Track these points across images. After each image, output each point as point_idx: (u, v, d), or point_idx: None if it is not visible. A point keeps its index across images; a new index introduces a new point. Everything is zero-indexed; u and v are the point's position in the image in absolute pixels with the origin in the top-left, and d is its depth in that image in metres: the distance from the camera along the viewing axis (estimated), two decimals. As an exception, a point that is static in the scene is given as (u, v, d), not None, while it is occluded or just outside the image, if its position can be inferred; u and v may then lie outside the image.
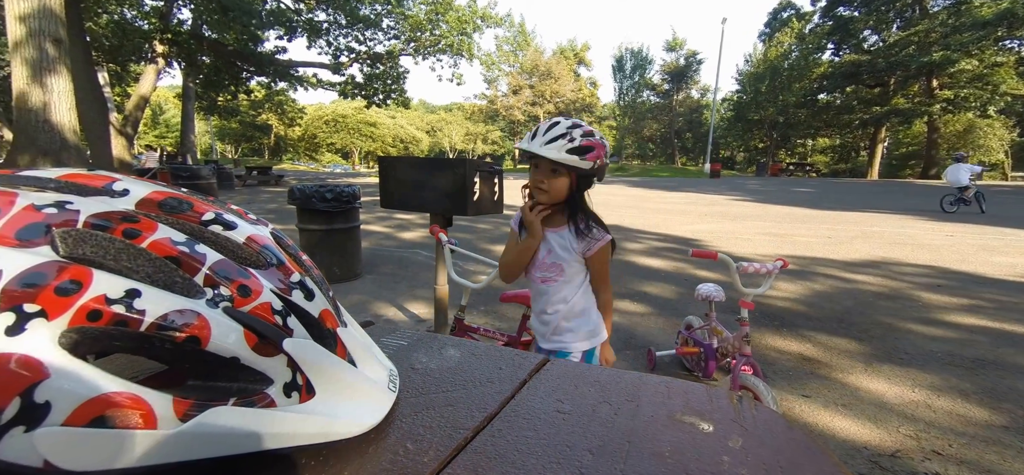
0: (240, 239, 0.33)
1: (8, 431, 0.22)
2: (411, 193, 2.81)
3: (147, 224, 0.28)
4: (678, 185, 21.75)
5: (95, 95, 11.68)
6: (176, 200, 0.32)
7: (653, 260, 5.36)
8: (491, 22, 20.00)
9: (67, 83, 9.02)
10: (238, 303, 0.29)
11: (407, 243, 6.32)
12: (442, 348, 0.51)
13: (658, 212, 10.34)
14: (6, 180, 0.30)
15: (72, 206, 0.27)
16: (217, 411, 0.28)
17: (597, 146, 1.21)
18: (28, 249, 0.25)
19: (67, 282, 0.24)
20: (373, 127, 49.22)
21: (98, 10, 12.29)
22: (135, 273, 0.26)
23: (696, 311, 3.37)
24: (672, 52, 47.49)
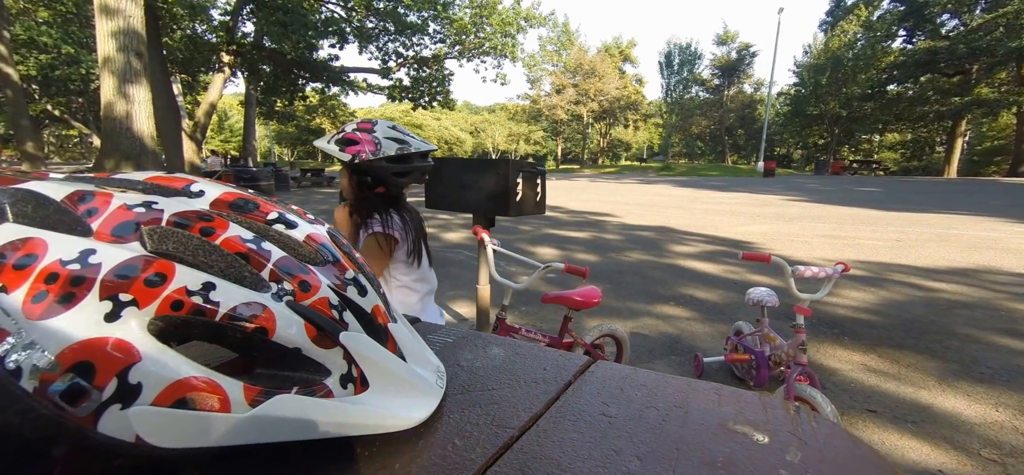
0: (300, 237, 0.35)
1: (107, 408, 0.25)
2: (455, 194, 2.86)
3: (220, 223, 0.31)
4: (729, 184, 20.79)
5: (170, 104, 12.77)
6: (244, 200, 0.34)
7: (701, 263, 5.16)
8: (535, 22, 20.01)
9: (147, 94, 9.92)
10: (299, 297, 0.31)
11: (449, 244, 6.45)
12: (487, 347, 0.52)
13: (707, 213, 9.94)
14: (103, 182, 0.33)
15: (157, 206, 0.30)
16: (282, 399, 0.30)
17: (362, 141, 1.25)
18: (121, 244, 0.27)
19: (154, 275, 0.27)
20: (419, 129, 50.54)
21: (173, 26, 13.43)
22: (210, 267, 0.29)
23: (746, 317, 3.21)
24: (723, 46, 45.49)
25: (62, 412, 0.24)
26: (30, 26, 17.26)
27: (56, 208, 0.28)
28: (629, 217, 9.27)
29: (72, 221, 0.28)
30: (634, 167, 43.85)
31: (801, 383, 1.86)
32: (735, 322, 2.71)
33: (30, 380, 0.24)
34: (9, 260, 0.25)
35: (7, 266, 0.25)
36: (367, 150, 1.25)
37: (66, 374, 0.24)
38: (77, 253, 0.26)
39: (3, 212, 0.28)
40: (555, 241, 6.53)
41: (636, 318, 3.45)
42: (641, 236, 6.97)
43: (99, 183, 0.32)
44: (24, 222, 0.27)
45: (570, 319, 2.32)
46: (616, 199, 13.70)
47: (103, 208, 0.29)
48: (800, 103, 37.28)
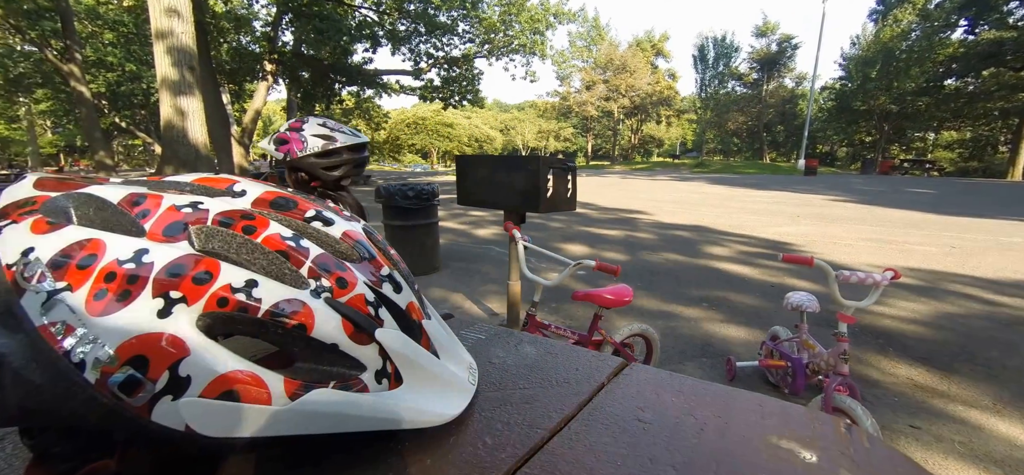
0: (337, 234, 0.36)
1: (160, 399, 0.26)
2: (486, 191, 2.88)
3: (261, 221, 0.32)
4: (766, 183, 19.98)
5: (220, 113, 13.47)
6: (284, 199, 0.35)
7: (735, 264, 4.98)
8: (564, 18, 19.86)
9: (199, 105, 10.53)
10: (336, 294, 0.32)
11: (481, 239, 6.49)
12: (519, 344, 0.51)
13: (743, 212, 9.59)
14: (155, 185, 0.35)
15: (203, 206, 0.31)
16: (320, 393, 0.31)
17: (291, 140, 1.33)
18: (171, 243, 0.29)
19: (202, 272, 0.28)
20: (450, 128, 51.19)
21: (220, 40, 14.17)
22: (252, 265, 0.30)
23: (783, 321, 3.08)
24: (762, 38, 43.66)
25: (120, 402, 0.25)
26: (98, 47, 18.65)
27: (113, 210, 0.30)
28: (661, 215, 9.06)
29: (127, 222, 0.29)
30: (666, 164, 42.82)
31: (840, 394, 1.76)
32: (771, 327, 2.60)
33: (93, 372, 0.25)
34: (74, 260, 0.27)
35: (72, 265, 0.27)
36: (295, 148, 1.32)
37: (124, 367, 0.25)
38: (132, 253, 0.28)
39: (68, 214, 0.30)
40: (586, 238, 6.46)
41: (667, 318, 3.37)
42: (674, 235, 6.80)
43: (151, 186, 0.34)
44: (85, 224, 0.29)
45: (600, 317, 2.29)
46: (648, 196, 13.42)
47: (154, 209, 0.30)
48: (846, 98, 35.27)
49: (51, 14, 16.03)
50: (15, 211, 0.30)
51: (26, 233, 0.28)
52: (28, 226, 0.28)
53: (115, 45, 18.83)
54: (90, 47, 18.84)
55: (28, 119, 33.44)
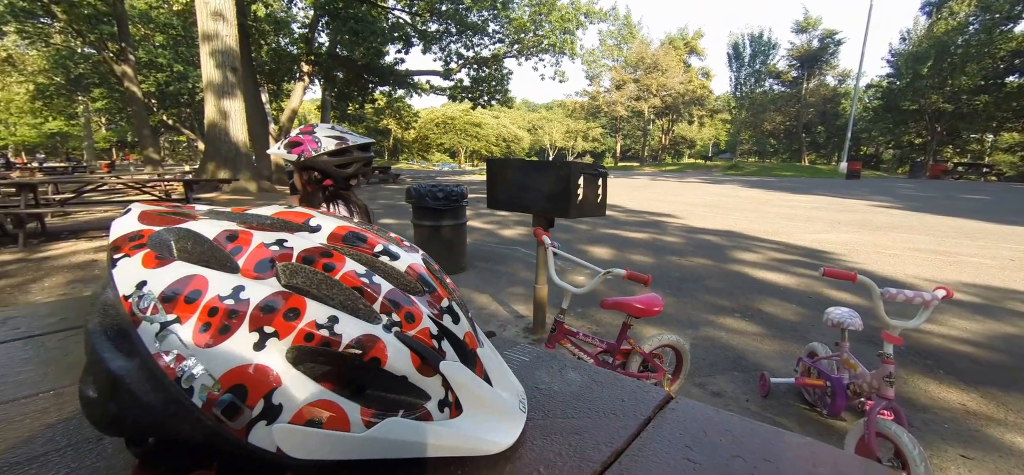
0: (402, 268, 0.38)
1: (256, 423, 0.29)
2: (516, 195, 2.90)
3: (338, 257, 0.35)
4: (805, 186, 19.21)
5: (259, 112, 14.05)
6: (354, 234, 0.38)
7: (770, 273, 4.82)
8: (595, 18, 19.67)
9: (241, 105, 11.02)
10: (405, 328, 0.35)
11: (506, 239, 6.52)
12: (563, 369, 0.53)
13: (779, 217, 9.26)
14: (242, 219, 0.39)
15: (288, 244, 0.34)
16: (391, 422, 0.33)
17: (304, 141, 1.41)
18: (262, 280, 0.32)
19: (291, 309, 0.31)
20: (478, 127, 51.56)
21: (261, 42, 14.76)
22: (332, 300, 0.33)
23: (821, 337, 2.97)
24: (803, 34, 41.87)
25: (222, 424, 0.29)
26: (149, 49, 19.80)
27: (210, 246, 0.34)
28: (692, 219, 8.86)
29: (223, 258, 0.33)
30: (698, 165, 41.74)
31: (885, 419, 1.68)
32: (809, 342, 2.50)
33: (199, 397, 0.28)
34: (182, 294, 0.30)
35: (180, 300, 0.30)
36: (310, 148, 1.41)
37: (226, 394, 0.29)
38: (230, 289, 0.31)
39: (170, 247, 0.34)
40: (612, 241, 6.39)
41: (696, 328, 3.30)
42: (705, 240, 6.64)
43: (240, 220, 0.38)
44: (186, 258, 0.33)
45: (629, 326, 2.27)
46: (678, 199, 13.14)
47: (246, 246, 0.34)
48: (894, 96, 33.37)
49: (109, 18, 17.08)
50: (127, 245, 0.33)
51: (138, 267, 0.32)
52: (140, 260, 0.32)
53: (165, 47, 19.91)
54: (142, 49, 20.00)
55: (85, 116, 35.73)
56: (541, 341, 3.04)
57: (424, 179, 22.91)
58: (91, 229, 6.91)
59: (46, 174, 15.80)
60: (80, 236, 6.40)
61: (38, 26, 18.27)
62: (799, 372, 2.34)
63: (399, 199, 11.73)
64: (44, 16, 16.40)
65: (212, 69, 10.25)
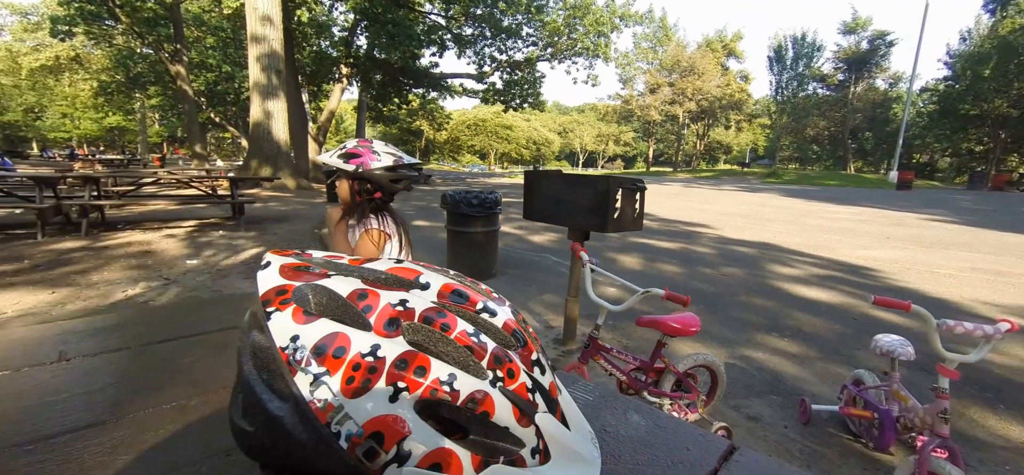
0: (500, 324, 0.43)
1: (389, 466, 0.35)
2: (554, 207, 2.93)
3: (451, 318, 0.40)
4: (850, 196, 18.37)
5: (299, 112, 14.62)
6: (458, 292, 0.43)
7: (811, 289, 4.67)
8: (630, 20, 19.44)
9: (283, 106, 11.51)
10: (507, 383, 0.39)
11: (537, 246, 6.56)
12: (626, 411, 0.57)
13: (821, 230, 8.91)
14: (359, 273, 0.44)
15: (409, 304, 0.40)
16: (495, 468, 0.38)
17: (363, 154, 1.48)
18: (392, 338, 0.38)
19: (419, 367, 0.36)
20: (509, 130, 51.83)
21: (304, 44, 15.36)
22: (449, 358, 0.38)
23: (868, 363, 2.86)
24: (851, 35, 39.94)
25: (363, 465, 0.34)
26: (201, 50, 20.96)
27: (344, 303, 0.39)
28: (727, 229, 8.64)
29: (357, 316, 0.38)
30: (734, 172, 40.52)
31: (939, 457, 1.61)
32: (854, 369, 2.42)
33: (345, 442, 0.34)
34: (330, 350, 0.36)
35: (329, 354, 0.36)
36: (369, 161, 1.49)
37: (367, 439, 0.34)
38: (369, 347, 0.36)
39: (310, 302, 0.40)
40: (642, 251, 6.32)
41: (730, 346, 3.24)
42: (740, 252, 6.47)
43: (358, 274, 0.44)
44: (327, 314, 0.39)
45: (664, 344, 2.27)
46: (713, 208, 12.82)
47: (375, 305, 0.39)
48: (952, 100, 31.29)
49: (166, 21, 18.17)
50: (275, 299, 0.40)
51: (290, 321, 0.38)
52: (290, 315, 0.38)
53: (215, 49, 21.01)
54: (195, 50, 21.18)
55: (141, 112, 38.12)
56: (571, 352, 3.06)
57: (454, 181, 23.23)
58: (145, 220, 7.38)
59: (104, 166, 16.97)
60: (135, 227, 6.85)
61: (104, 28, 19.65)
62: (843, 400, 2.27)
63: (431, 200, 11.94)
64: (109, 19, 17.60)
65: (258, 72, 10.76)
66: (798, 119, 42.36)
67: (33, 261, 4.68)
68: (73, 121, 42.86)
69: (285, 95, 11.61)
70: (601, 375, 2.61)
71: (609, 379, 2.47)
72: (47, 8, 28.13)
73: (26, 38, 34.12)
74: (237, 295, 1.14)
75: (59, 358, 0.74)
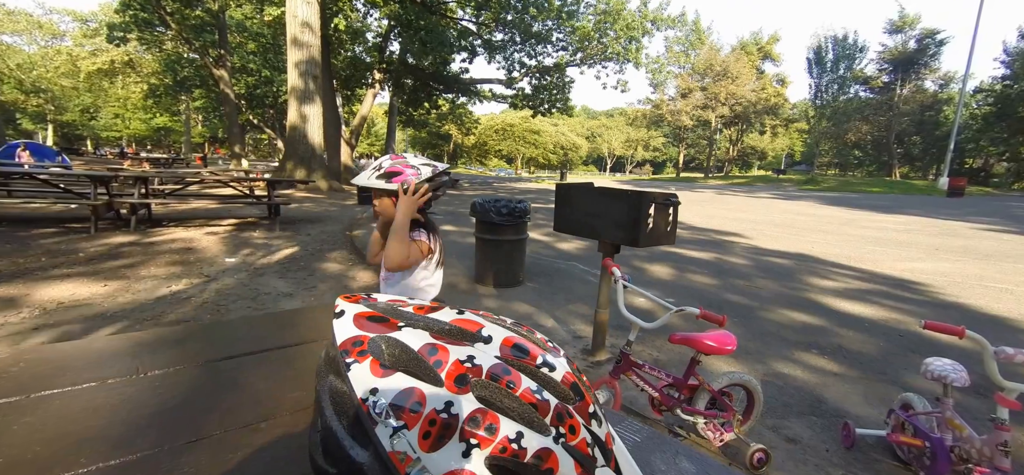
0: (559, 378, 0.45)
1: (462, 515, 0.37)
2: (585, 220, 2.93)
3: (516, 375, 0.42)
4: (896, 204, 17.49)
5: (333, 116, 15.07)
6: (520, 347, 0.46)
7: (854, 304, 4.48)
8: (662, 24, 19.15)
9: (319, 110, 11.89)
10: (569, 438, 0.41)
11: (564, 253, 6.54)
12: (676, 456, 0.57)
13: (864, 240, 8.52)
14: (424, 323, 0.47)
15: (476, 360, 0.42)
16: (562, 521, 0.40)
17: (404, 171, 1.50)
18: (462, 395, 0.40)
19: (489, 424, 0.39)
20: (537, 134, 51.85)
21: (340, 51, 15.85)
22: (517, 416, 0.40)
23: (917, 385, 2.73)
24: (897, 34, 38.05)
25: (438, 515, 0.37)
26: (243, 55, 21.96)
27: (416, 357, 0.42)
28: (761, 239, 8.38)
29: (429, 370, 0.41)
30: (768, 179, 39.20)
31: None
32: (903, 392, 2.31)
33: (423, 492, 0.37)
34: (407, 405, 0.39)
35: (406, 409, 0.39)
36: (410, 177, 1.52)
37: (443, 491, 0.37)
38: (443, 404, 0.39)
39: (383, 353, 0.43)
40: (672, 260, 6.21)
41: (766, 363, 3.15)
42: (775, 264, 6.27)
43: (424, 325, 0.46)
44: (401, 368, 0.41)
45: (698, 362, 2.23)
46: (747, 216, 12.46)
47: (445, 360, 0.42)
48: (1010, 102, 29.31)
49: (211, 27, 19.10)
50: (353, 350, 0.43)
51: (368, 374, 0.41)
52: (368, 367, 0.41)
53: (255, 54, 21.94)
54: (236, 55, 22.17)
55: (186, 114, 40.20)
56: (600, 364, 3.04)
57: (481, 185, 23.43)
58: (188, 218, 7.78)
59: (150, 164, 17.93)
60: (179, 224, 7.22)
61: (155, 34, 20.83)
62: (891, 426, 2.18)
63: (458, 205, 12.07)
64: (160, 25, 18.65)
65: (296, 77, 11.16)
66: (838, 123, 40.62)
67: (87, 255, 5.01)
68: (124, 121, 45.67)
69: (321, 99, 11.99)
70: (632, 390, 2.59)
71: (640, 394, 2.45)
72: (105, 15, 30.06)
73: (85, 43, 36.58)
74: (287, 311, 1.20)
75: (137, 371, 0.79)
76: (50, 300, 3.62)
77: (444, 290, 1.90)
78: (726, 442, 2.15)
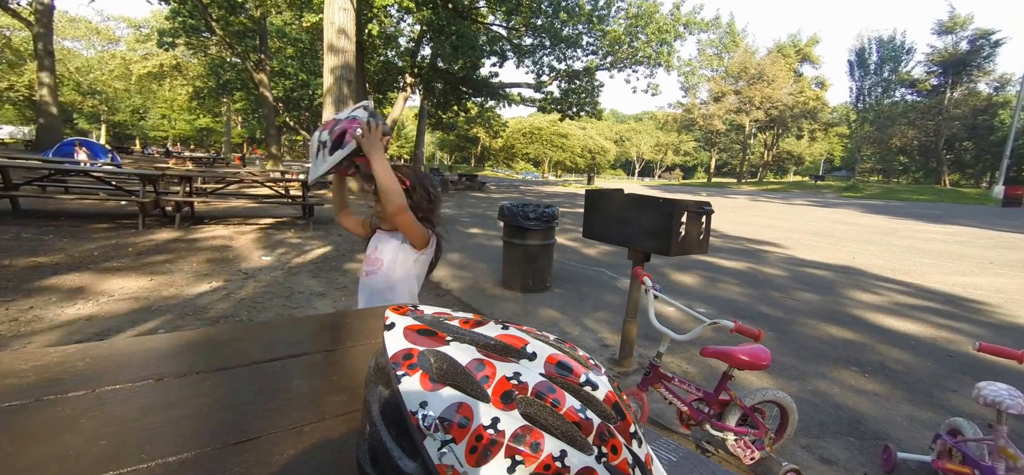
0: (601, 397, 0.45)
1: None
2: (615, 228, 2.91)
3: (561, 394, 0.43)
4: (945, 214, 16.55)
5: (366, 117, 15.46)
6: (564, 365, 0.46)
7: (898, 320, 4.26)
8: (695, 27, 18.76)
9: (352, 111, 12.25)
10: (610, 458, 0.42)
11: (590, 259, 6.48)
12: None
13: (910, 251, 8.10)
14: (470, 338, 0.48)
15: (522, 378, 0.43)
16: (602, 542, 0.40)
17: (347, 123, 1.32)
18: (508, 411, 0.41)
19: (534, 442, 0.40)
20: (564, 138, 51.66)
21: (373, 55, 16.25)
22: (560, 434, 0.41)
23: (968, 411, 2.57)
24: (947, 35, 36.09)
25: (484, 528, 0.38)
26: (281, 60, 22.83)
27: (463, 372, 0.43)
28: (798, 249, 8.08)
29: (476, 386, 0.42)
30: (805, 185, 37.73)
31: None
32: (950, 417, 2.19)
33: (469, 504, 0.38)
34: (455, 419, 0.40)
35: (454, 424, 0.40)
36: (356, 127, 1.41)
37: (488, 505, 0.38)
38: (490, 420, 0.40)
39: (430, 366, 0.44)
40: (703, 269, 6.06)
41: (802, 379, 3.03)
42: (814, 275, 6.03)
43: (470, 340, 0.48)
44: (449, 382, 0.43)
45: (731, 377, 2.17)
46: (783, 224, 12.04)
47: (492, 377, 0.43)
48: (1074, 109, 27.31)
49: (253, 33, 19.92)
50: (404, 362, 0.45)
51: (418, 387, 0.42)
52: (418, 380, 0.43)
53: (293, 59, 22.75)
54: (276, 60, 23.06)
55: (226, 115, 42.07)
56: (627, 374, 3.00)
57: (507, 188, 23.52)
58: (226, 217, 8.12)
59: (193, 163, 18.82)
60: (218, 222, 7.55)
61: (201, 39, 21.90)
62: (936, 451, 2.06)
63: (486, 208, 12.15)
64: (206, 31, 19.59)
65: (332, 81, 11.50)
66: (882, 128, 38.77)
67: (135, 250, 5.30)
68: (170, 122, 48.26)
69: (354, 103, 12.33)
70: (659, 402, 2.55)
71: (668, 407, 2.40)
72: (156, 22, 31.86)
73: (137, 48, 38.87)
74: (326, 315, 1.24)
75: (190, 371, 0.83)
76: (103, 291, 3.86)
77: (471, 294, 1.90)
78: (757, 460, 2.09)
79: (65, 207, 7.42)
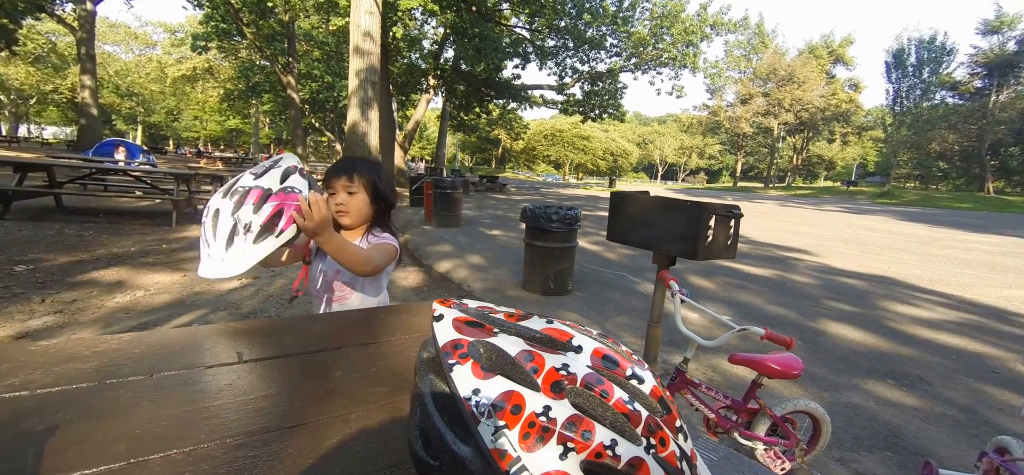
0: (647, 391, 0.46)
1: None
2: (640, 231, 2.87)
3: (609, 386, 0.44)
4: (990, 223, 15.75)
5: (389, 120, 15.72)
6: (609, 358, 0.47)
7: (938, 333, 4.08)
8: (722, 28, 18.41)
9: (376, 114, 12.45)
10: (659, 450, 0.42)
11: (612, 262, 6.42)
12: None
13: (951, 261, 7.74)
14: (515, 330, 0.50)
15: (570, 369, 0.44)
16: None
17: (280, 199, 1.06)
18: (559, 401, 0.42)
19: (585, 431, 0.40)
20: (586, 140, 51.37)
21: (397, 58, 16.52)
22: (610, 424, 0.41)
23: (1015, 428, 2.45)
24: (993, 35, 34.40)
25: (535, 510, 0.39)
26: (308, 63, 23.44)
27: (513, 362, 0.45)
28: (830, 257, 7.82)
29: (526, 376, 0.44)
30: (837, 190, 36.46)
31: None
32: (997, 434, 2.08)
33: (522, 489, 0.39)
34: (507, 406, 0.41)
35: (507, 410, 0.41)
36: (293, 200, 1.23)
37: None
38: (541, 408, 0.41)
39: (480, 355, 0.46)
40: (728, 276, 5.93)
41: (836, 391, 2.93)
42: (847, 284, 5.83)
43: (515, 332, 0.49)
44: (499, 371, 0.44)
45: (760, 385, 2.13)
46: (813, 231, 11.67)
47: (541, 368, 0.44)
48: None
49: (282, 37, 20.51)
50: (454, 352, 0.46)
51: (470, 376, 0.44)
52: (470, 369, 0.44)
53: (320, 61, 23.32)
54: (303, 62, 23.68)
55: (255, 117, 43.42)
56: (653, 378, 2.96)
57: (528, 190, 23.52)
58: (262, 218, 8.34)
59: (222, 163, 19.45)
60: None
61: (232, 43, 22.68)
62: (981, 470, 1.97)
63: (506, 210, 12.18)
64: (237, 35, 20.28)
65: (357, 83, 11.74)
66: (920, 132, 37.16)
67: (169, 247, 5.52)
68: (202, 123, 50.11)
69: (378, 105, 12.55)
70: (685, 409, 2.51)
71: (694, 414, 2.36)
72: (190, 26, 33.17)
73: (172, 52, 40.55)
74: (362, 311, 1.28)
75: (239, 359, 0.87)
76: (140, 286, 4.03)
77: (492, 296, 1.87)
78: (788, 471, 2.03)
79: (104, 205, 7.77)
